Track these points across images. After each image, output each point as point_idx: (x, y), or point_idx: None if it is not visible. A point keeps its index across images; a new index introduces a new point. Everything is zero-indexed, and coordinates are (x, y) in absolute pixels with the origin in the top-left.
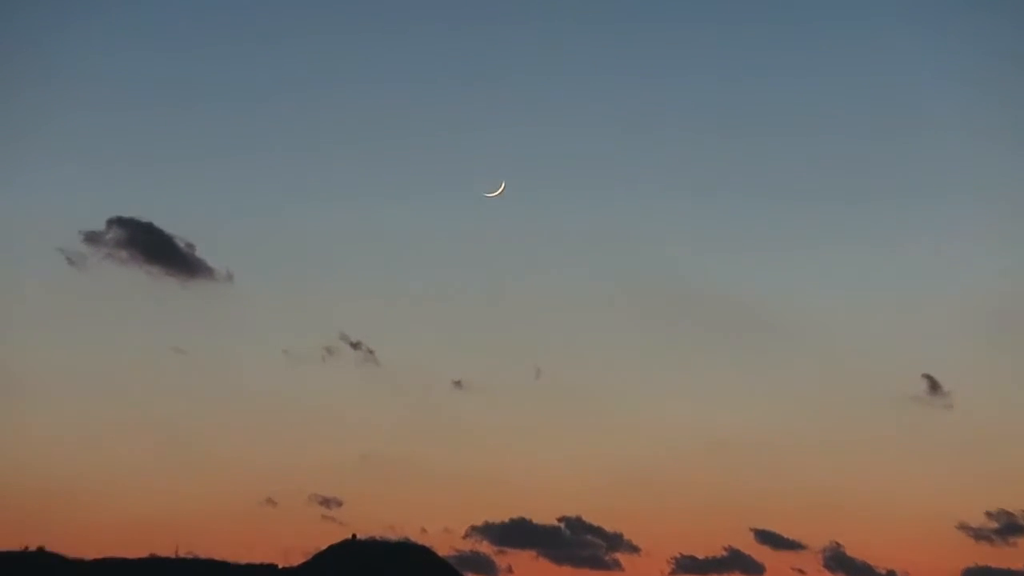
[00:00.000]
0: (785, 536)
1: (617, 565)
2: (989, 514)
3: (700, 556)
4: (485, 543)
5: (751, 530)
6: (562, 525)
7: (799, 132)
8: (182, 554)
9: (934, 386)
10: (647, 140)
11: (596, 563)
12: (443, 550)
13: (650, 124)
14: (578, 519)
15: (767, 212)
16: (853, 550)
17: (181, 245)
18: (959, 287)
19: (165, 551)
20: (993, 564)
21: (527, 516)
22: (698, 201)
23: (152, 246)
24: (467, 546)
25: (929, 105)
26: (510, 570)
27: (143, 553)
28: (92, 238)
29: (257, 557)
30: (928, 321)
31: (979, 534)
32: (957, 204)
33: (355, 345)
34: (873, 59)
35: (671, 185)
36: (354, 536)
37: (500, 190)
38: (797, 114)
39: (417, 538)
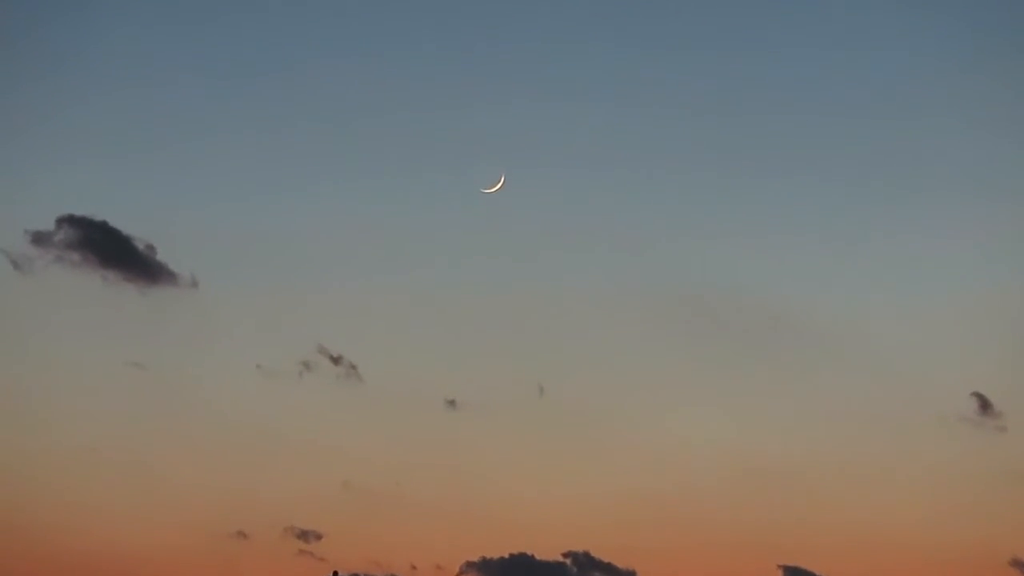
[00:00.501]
0: (818, 574)
1: None
2: None
3: None
4: None
5: (780, 567)
6: (568, 561)
7: (843, 115)
8: None
9: (985, 406)
10: (665, 123)
11: None
12: None
13: (668, 104)
14: (586, 555)
15: (803, 207)
16: None
17: (140, 247)
18: (1015, 294)
19: None
20: None
21: (529, 551)
22: (724, 193)
23: (107, 248)
24: None
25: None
26: None
27: None
28: (40, 239)
29: None
30: (979, 332)
31: None
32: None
33: (336, 359)
34: (915, 45)
35: (692, 175)
36: (335, 574)
37: (499, 184)
38: (841, 96)
39: (406, 575)
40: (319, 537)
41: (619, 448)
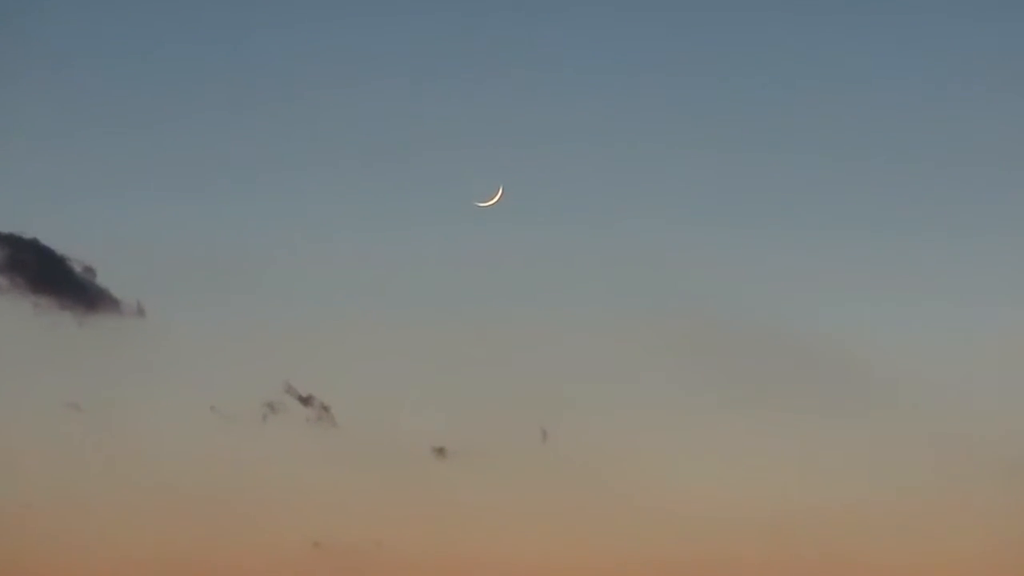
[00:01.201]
0: None
1: None
2: None
3: None
4: None
5: None
6: None
7: (893, 134)
8: None
9: None
10: (686, 131)
11: None
12: None
13: (689, 110)
14: None
15: (850, 229)
16: None
17: (77, 269)
18: None
19: None
20: None
21: None
22: (756, 211)
23: (40, 271)
24: None
25: None
26: None
27: None
28: None
29: None
30: None
31: None
32: None
33: (305, 400)
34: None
35: (718, 194)
36: None
37: (496, 198)
38: (891, 113)
39: None
40: None
41: (635, 502)
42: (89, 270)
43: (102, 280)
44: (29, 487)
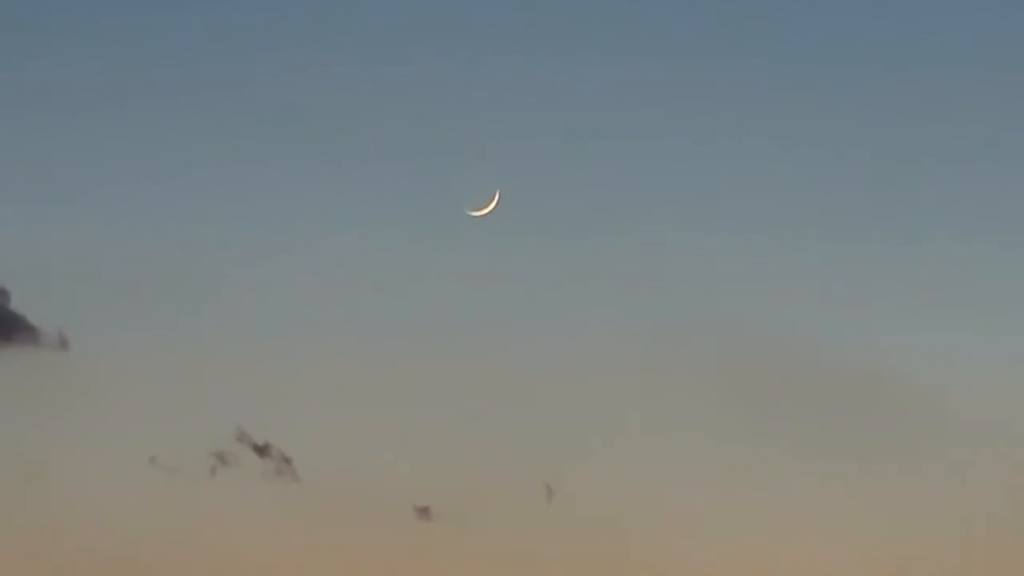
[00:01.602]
0: None
1: None
2: None
3: None
4: None
5: None
6: None
7: (971, 137)
8: None
9: None
10: (720, 124)
11: None
12: None
13: (726, 98)
14: None
15: (912, 244)
16: None
17: None
18: None
19: None
20: None
21: None
22: (802, 225)
23: None
24: None
25: None
26: None
27: None
28: None
29: None
30: None
31: None
32: None
33: (262, 449)
34: None
35: (759, 201)
36: None
37: (491, 205)
38: (963, 116)
39: None
40: None
41: (655, 568)
42: (3, 293)
43: (17, 305)
44: None
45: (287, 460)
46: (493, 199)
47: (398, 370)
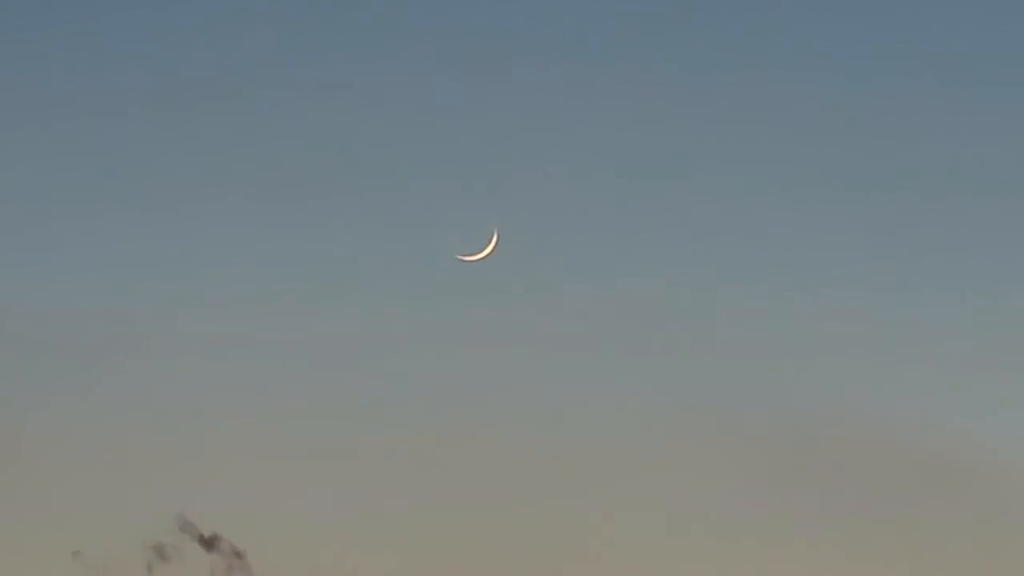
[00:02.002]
0: None
1: None
2: None
3: None
4: None
5: None
6: None
7: None
8: None
9: None
10: (753, 151)
11: None
12: None
13: (763, 118)
14: None
15: (947, 303)
16: None
17: None
18: None
19: None
20: None
21: None
22: (844, 271)
23: None
24: None
25: None
26: None
27: None
28: None
29: None
30: None
31: None
32: None
33: (208, 542)
34: None
35: (789, 247)
36: None
37: (488, 249)
38: None
39: None
40: None
41: None
42: None
43: None
44: None
45: (239, 555)
46: (490, 241)
47: (370, 449)
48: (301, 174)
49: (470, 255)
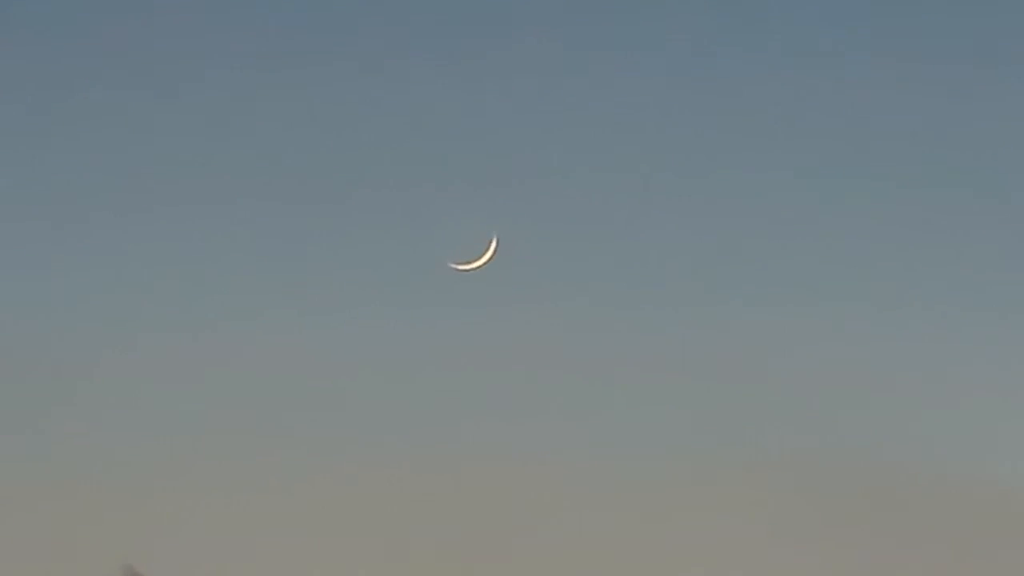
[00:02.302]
0: None
1: None
2: None
3: None
4: None
5: None
6: None
7: None
8: None
9: None
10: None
11: None
12: None
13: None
14: None
15: None
16: None
17: None
18: None
19: None
20: None
21: None
22: (940, 290)
23: None
24: None
25: None
26: None
27: None
28: None
29: None
30: None
31: None
32: None
33: None
34: None
35: (846, 264)
36: None
37: (485, 257)
38: None
39: None
40: None
41: None
42: None
43: None
44: None
45: None
46: (488, 248)
47: (344, 489)
48: (271, 173)
49: (465, 263)
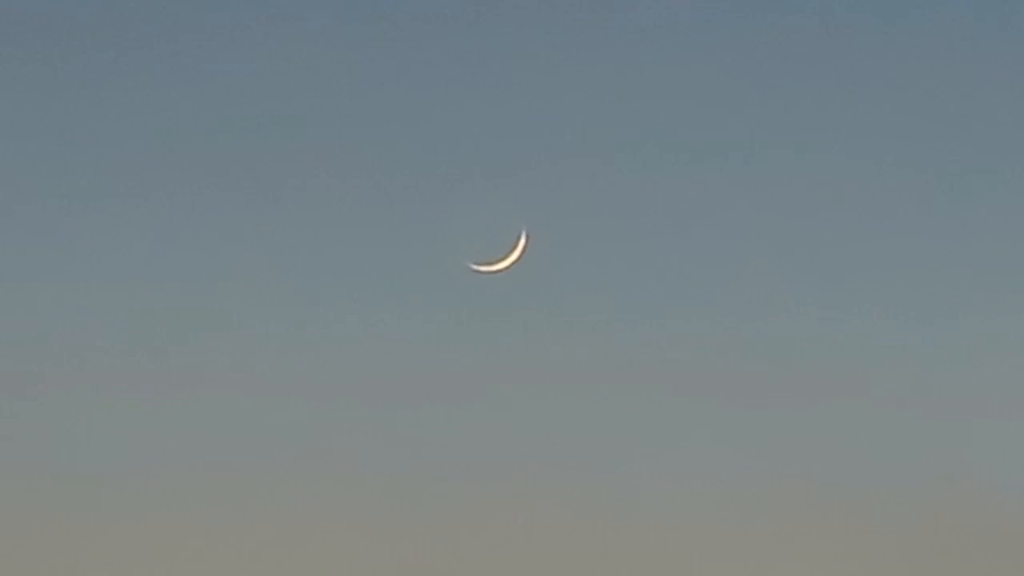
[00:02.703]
0: None
1: None
2: None
3: None
4: None
5: None
6: None
7: None
8: None
9: None
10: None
11: None
12: None
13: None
14: None
15: None
16: None
17: None
18: None
19: None
20: None
21: None
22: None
23: None
24: None
25: None
26: None
27: None
28: None
29: None
30: None
31: None
32: None
33: None
34: None
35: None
36: None
37: (513, 256)
38: None
39: None
40: None
41: None
42: None
43: None
44: None
45: None
46: (517, 246)
47: (349, 523)
48: (277, 165)
49: (489, 264)
